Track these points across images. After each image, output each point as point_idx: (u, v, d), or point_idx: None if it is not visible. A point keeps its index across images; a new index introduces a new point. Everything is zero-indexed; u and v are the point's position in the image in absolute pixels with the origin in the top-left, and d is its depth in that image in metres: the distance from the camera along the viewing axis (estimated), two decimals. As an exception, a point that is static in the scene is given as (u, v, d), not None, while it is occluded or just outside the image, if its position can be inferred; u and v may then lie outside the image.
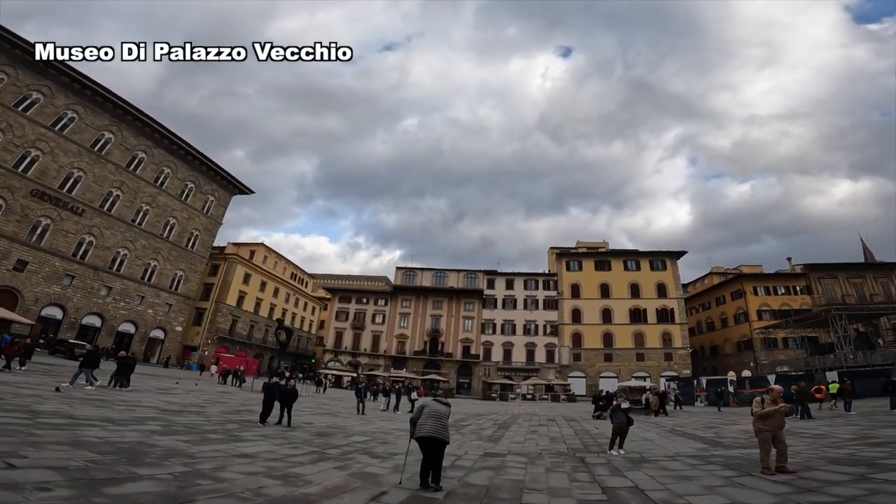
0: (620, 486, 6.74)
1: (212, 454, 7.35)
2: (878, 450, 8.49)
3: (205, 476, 5.86)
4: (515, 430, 15.69)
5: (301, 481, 6.26)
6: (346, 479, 6.66)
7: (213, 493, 5.13)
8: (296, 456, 8.19)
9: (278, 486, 5.84)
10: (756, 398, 7.62)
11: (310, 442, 10.05)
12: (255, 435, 10.18)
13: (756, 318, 51.57)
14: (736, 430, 13.93)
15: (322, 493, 5.71)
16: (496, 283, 57.85)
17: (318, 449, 9.21)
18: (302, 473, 6.76)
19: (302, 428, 12.30)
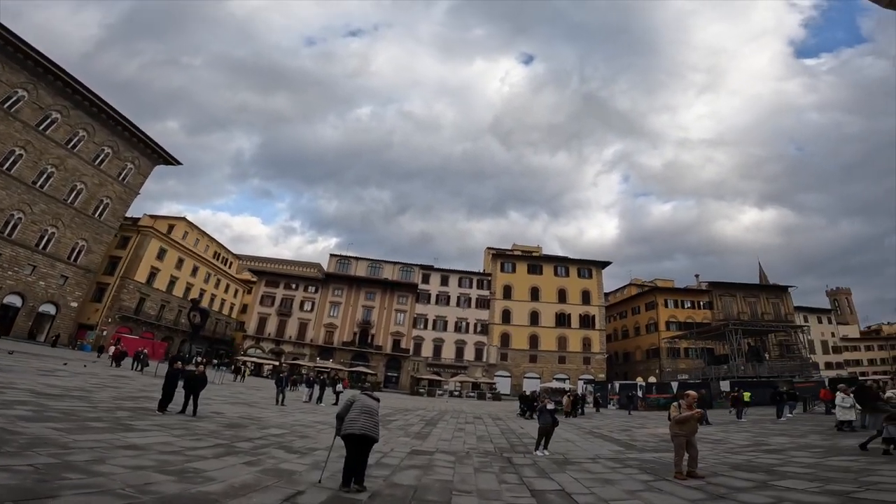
0: (548, 488, 6.65)
1: (90, 444, 6.33)
2: (773, 456, 9.24)
3: (75, 469, 4.95)
4: (443, 427, 15.49)
5: (201, 478, 5.49)
6: (257, 477, 5.97)
7: (81, 488, 4.30)
8: (198, 449, 7.27)
9: (171, 482, 5.07)
10: (674, 403, 7.85)
11: (217, 434, 9.03)
12: (151, 424, 8.97)
13: (665, 328, 56.27)
14: (646, 434, 14.77)
15: (226, 492, 5.00)
16: (431, 278, 57.78)
17: (226, 442, 8.28)
18: (203, 469, 5.96)
19: (210, 418, 11.11)
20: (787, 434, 13.33)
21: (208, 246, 57.50)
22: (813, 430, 13.94)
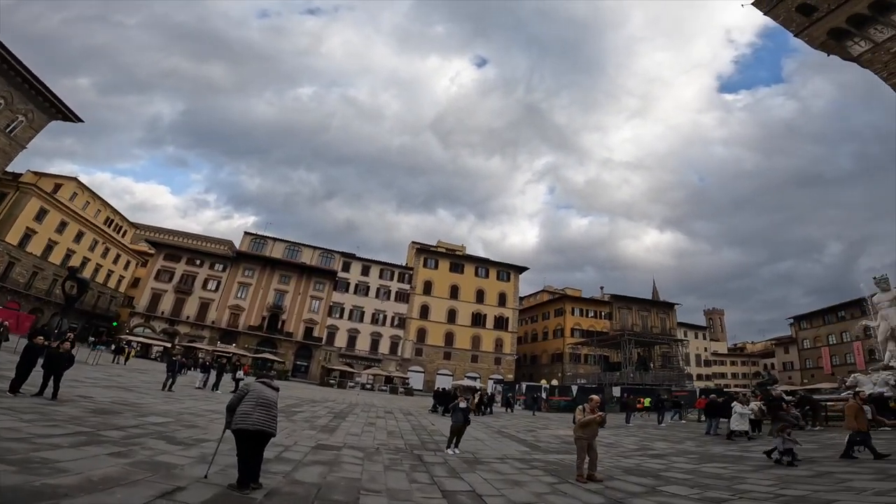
0: (459, 489, 6.48)
1: None
2: (658, 461, 9.95)
3: None
4: (353, 420, 14.85)
5: (49, 469, 4.59)
6: (125, 469, 5.10)
7: None
8: (52, 437, 6.11)
9: (10, 472, 4.20)
10: (579, 406, 8.12)
11: (80, 420, 7.68)
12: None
13: (570, 335, 60.20)
14: (549, 435, 15.43)
15: (80, 486, 4.21)
16: (352, 266, 56.10)
17: (90, 430, 7.05)
18: (54, 459, 5.00)
19: (74, 403, 9.47)
20: (668, 440, 14.67)
21: (100, 210, 50.30)
22: (688, 437, 15.52)
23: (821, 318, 61.97)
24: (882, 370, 19.25)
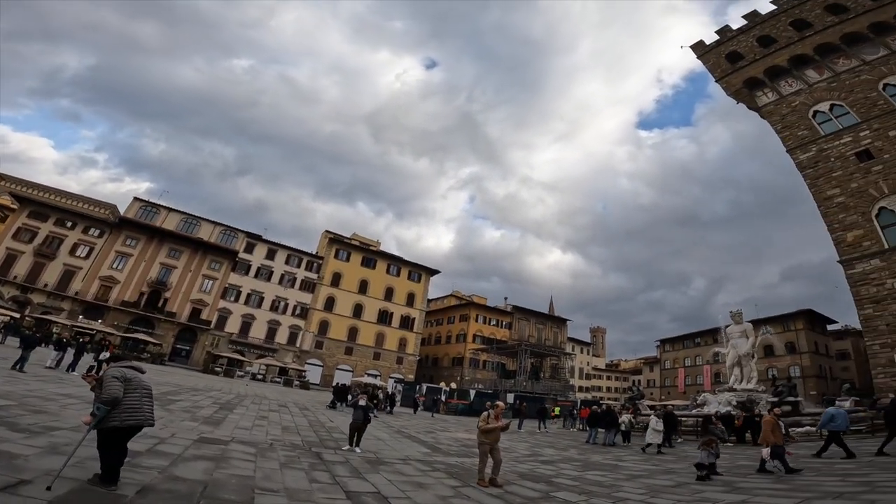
0: (364, 490, 6.20)
1: None
2: (548, 467, 10.48)
3: None
4: (242, 413, 13.61)
5: None
6: None
7: None
8: None
9: None
10: (484, 413, 8.30)
11: None
12: None
13: (472, 340, 62.25)
14: (449, 437, 15.63)
15: None
16: (256, 249, 52.17)
17: None
18: None
19: None
20: (555, 447, 15.70)
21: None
22: (572, 445, 16.78)
23: (681, 343, 71.65)
24: (727, 391, 22.64)
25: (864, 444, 14.28)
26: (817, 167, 27.18)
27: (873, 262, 22.92)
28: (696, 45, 36.72)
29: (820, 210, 26.16)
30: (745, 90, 33.22)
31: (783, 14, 31.83)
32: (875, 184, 24.04)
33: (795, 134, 29.39)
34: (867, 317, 22.77)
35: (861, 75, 27.89)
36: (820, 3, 29.88)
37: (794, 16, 31.11)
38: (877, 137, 25.30)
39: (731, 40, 34.24)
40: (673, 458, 13.39)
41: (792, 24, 31.16)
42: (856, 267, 23.60)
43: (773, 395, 22.09)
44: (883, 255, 22.60)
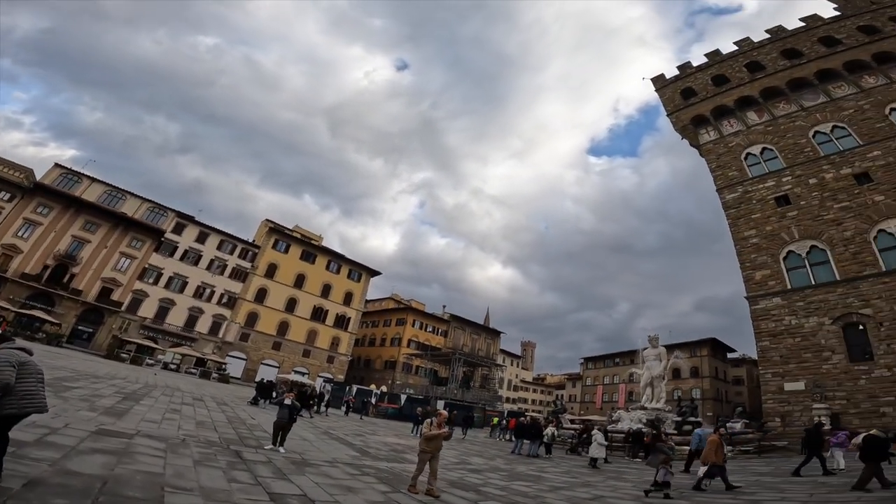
0: (289, 492, 5.80)
1: None
2: (476, 476, 10.48)
3: None
4: (150, 404, 12.37)
5: None
6: None
7: None
8: None
9: None
10: (427, 420, 8.19)
11: None
12: None
13: (406, 345, 61.80)
14: (378, 441, 15.23)
15: None
16: (186, 230, 48.37)
17: None
18: None
19: None
20: (482, 455, 15.84)
21: None
22: (498, 454, 17.02)
23: (602, 362, 75.90)
24: (639, 409, 24.16)
25: (750, 464, 15.87)
26: (740, 208, 29.38)
27: (775, 300, 25.61)
28: (656, 77, 38.60)
29: (736, 248, 28.71)
30: (691, 127, 34.53)
31: (741, 55, 33.76)
32: (787, 228, 26.65)
33: (726, 174, 31.21)
34: (764, 348, 25.32)
35: (796, 121, 29.90)
36: (777, 47, 32.10)
37: (752, 58, 33.08)
38: (797, 184, 27.59)
39: (689, 76, 36.02)
40: (590, 470, 14.01)
41: (747, 65, 33.07)
42: (759, 303, 26.20)
43: (677, 414, 23.92)
44: (784, 295, 25.32)
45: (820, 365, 22.67)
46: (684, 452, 15.05)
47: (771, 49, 32.65)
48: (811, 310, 23.99)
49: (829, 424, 19.58)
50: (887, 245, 22.72)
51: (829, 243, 24.52)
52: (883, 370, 20.62)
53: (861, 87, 28.40)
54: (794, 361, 23.61)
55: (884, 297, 21.66)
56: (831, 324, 22.97)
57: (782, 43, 32.32)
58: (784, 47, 32.03)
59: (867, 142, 26.11)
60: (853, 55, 29.02)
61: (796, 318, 24.39)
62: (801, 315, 24.23)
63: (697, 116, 34.33)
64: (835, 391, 21.67)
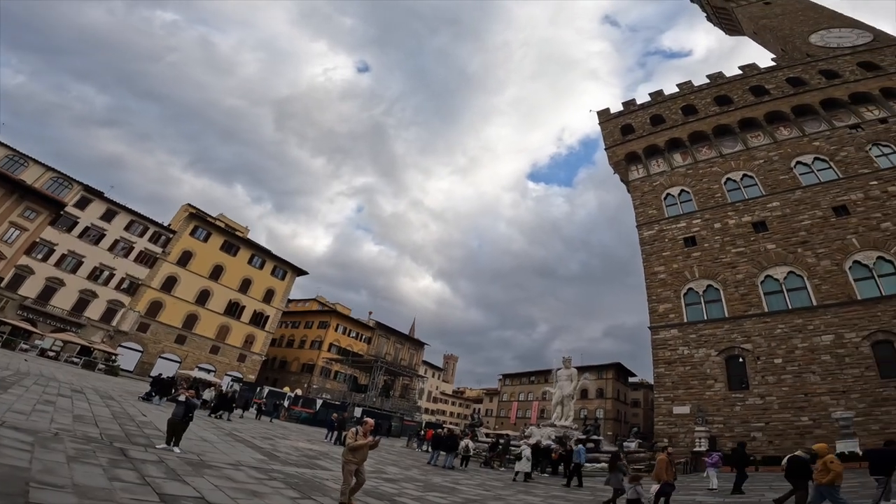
0: (184, 494, 5.32)
1: None
2: (391, 485, 10.33)
3: None
4: (19, 394, 10.72)
5: None
6: None
7: None
8: None
9: None
10: (352, 429, 7.89)
11: None
12: None
13: (327, 349, 59.61)
14: (289, 446, 14.43)
15: None
16: (92, 205, 43.06)
17: None
18: None
19: None
20: (398, 465, 15.62)
21: None
22: (414, 465, 16.88)
23: (519, 379, 78.65)
24: (549, 426, 25.32)
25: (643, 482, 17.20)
26: (654, 245, 31.79)
27: (673, 331, 28.25)
28: (602, 111, 40.52)
29: (646, 282, 31.25)
30: (624, 162, 36.34)
31: (680, 98, 36.17)
32: (690, 268, 29.44)
33: (647, 212, 33.38)
34: (659, 374, 27.73)
35: (714, 167, 32.31)
36: (712, 93, 34.76)
37: (689, 101, 35.52)
38: (704, 227, 30.21)
39: (631, 113, 38.14)
40: (504, 484, 14.38)
41: (683, 108, 35.41)
42: (659, 333, 28.72)
43: (582, 433, 25.41)
44: (681, 327, 28.02)
45: (704, 391, 25.25)
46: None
47: (707, 94, 35.13)
48: (701, 342, 26.71)
49: (706, 446, 21.93)
50: (771, 289, 26.03)
51: (723, 284, 27.61)
52: (756, 398, 23.46)
53: (775, 139, 31.24)
54: (682, 387, 26.06)
55: (763, 334, 24.77)
56: (717, 355, 25.75)
57: (717, 89, 35.01)
58: (718, 94, 34.59)
59: (769, 192, 29.09)
60: (775, 106, 31.78)
61: (688, 348, 26.99)
62: (693, 346, 26.87)
63: (631, 153, 36.15)
64: (714, 416, 24.21)
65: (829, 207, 26.51)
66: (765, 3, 50.24)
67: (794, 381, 22.83)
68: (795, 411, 22.17)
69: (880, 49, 32.18)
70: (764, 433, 22.36)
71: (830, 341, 22.74)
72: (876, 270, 23.34)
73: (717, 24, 63.34)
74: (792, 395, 22.62)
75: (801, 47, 38.56)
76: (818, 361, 22.62)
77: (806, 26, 41.44)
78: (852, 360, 21.83)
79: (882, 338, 21.64)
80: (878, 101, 29.41)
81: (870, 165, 26.99)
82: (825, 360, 22.48)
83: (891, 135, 27.71)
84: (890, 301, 22.21)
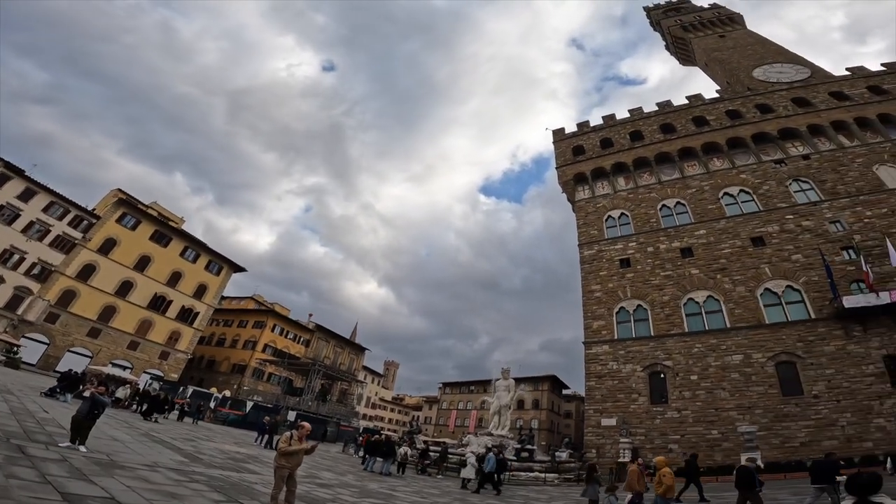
0: (90, 494, 4.89)
1: None
2: (325, 491, 10.02)
3: None
4: None
5: None
6: None
7: None
8: None
9: None
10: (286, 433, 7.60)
11: None
12: None
13: (262, 350, 56.81)
14: (214, 448, 13.58)
15: None
16: (10, 184, 38.16)
17: None
18: None
19: None
20: (332, 470, 15.17)
21: None
22: (350, 470, 16.48)
23: (459, 388, 79.20)
24: (485, 435, 25.72)
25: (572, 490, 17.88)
26: (592, 264, 33.40)
27: (604, 347, 29.80)
28: (557, 130, 41.77)
29: (583, 300, 32.60)
30: (572, 182, 37.63)
31: (630, 123, 37.99)
32: (623, 288, 31.19)
33: (589, 232, 34.89)
34: (590, 388, 29.09)
35: (652, 192, 34.18)
36: (659, 121, 36.86)
37: (637, 127, 37.37)
38: (638, 250, 32.13)
39: (584, 135, 39.67)
40: (440, 492, 14.38)
41: (631, 133, 37.30)
42: (592, 349, 30.13)
43: (517, 442, 26.03)
44: (612, 344, 29.63)
45: (629, 405, 26.82)
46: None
47: (654, 121, 37.26)
48: (629, 358, 28.40)
49: (630, 457, 23.19)
50: (692, 311, 28.24)
51: (651, 304, 29.58)
52: (674, 412, 25.26)
53: (708, 169, 33.61)
54: (610, 400, 27.52)
55: (682, 353, 26.79)
56: (642, 371, 27.50)
57: (664, 117, 37.31)
58: (664, 121, 36.83)
59: (698, 220, 31.43)
60: (712, 137, 34.21)
61: (617, 363, 28.57)
62: (622, 362, 28.49)
63: (580, 174, 37.60)
64: (637, 428, 25.76)
65: (748, 238, 29.19)
66: (720, 36, 54.32)
67: (707, 397, 24.85)
68: (707, 425, 24.11)
69: (814, 86, 35.23)
70: (680, 445, 24.05)
71: (740, 360, 25.03)
72: (784, 298, 26.06)
73: (673, 54, 67.62)
74: (704, 409, 24.58)
75: (744, 80, 41.65)
76: (728, 379, 24.80)
77: (752, 60, 44.86)
78: (758, 379, 24.15)
79: (785, 359, 24.15)
80: (804, 137, 32.24)
81: (788, 200, 29.87)
82: (734, 377, 24.69)
83: (811, 171, 30.61)
84: (794, 326, 24.86)
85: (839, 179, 29.40)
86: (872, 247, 25.44)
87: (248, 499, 6.83)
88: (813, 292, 25.38)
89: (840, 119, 31.87)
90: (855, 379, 22.29)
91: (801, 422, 22.25)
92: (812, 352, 23.67)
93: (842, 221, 27.36)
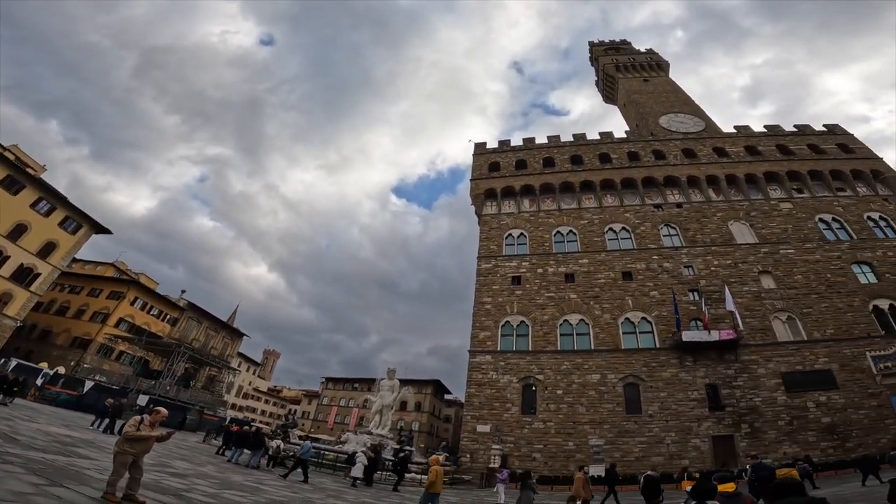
0: None
1: None
2: (178, 480, 9.20)
3: None
4: None
5: None
6: None
7: None
8: None
9: None
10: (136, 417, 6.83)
11: None
12: None
13: (115, 324, 49.49)
14: (36, 429, 11.54)
15: None
16: None
17: None
18: None
19: None
20: (189, 460, 13.82)
21: None
22: (210, 461, 15.16)
23: (342, 384, 77.28)
24: (365, 434, 25.49)
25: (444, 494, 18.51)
26: (487, 278, 35.11)
27: (487, 357, 31.46)
28: (479, 143, 43.38)
29: (473, 310, 33.92)
30: (482, 196, 39.22)
31: (546, 150, 40.55)
32: (511, 304, 33.28)
33: (489, 246, 36.67)
34: (470, 395, 30.48)
35: (550, 218, 36.31)
36: (570, 151, 39.79)
37: (551, 154, 39.99)
38: (529, 270, 34.53)
39: (503, 152, 41.65)
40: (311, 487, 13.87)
41: (544, 159, 39.88)
42: (476, 357, 31.59)
43: (397, 443, 26.26)
44: (494, 355, 31.40)
45: (503, 413, 28.68)
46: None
47: (567, 151, 40.33)
48: (507, 369, 30.36)
49: (499, 463, 24.68)
50: (566, 332, 31.20)
51: (532, 321, 32.08)
52: (540, 423, 27.62)
53: (601, 204, 37.13)
54: (487, 408, 29.13)
55: (553, 368, 29.49)
56: (517, 382, 29.62)
57: (576, 149, 40.59)
58: (575, 153, 40.03)
59: (583, 250, 34.75)
60: (611, 174, 37.81)
61: (496, 374, 30.35)
62: (500, 372, 30.33)
63: (491, 189, 39.45)
64: (508, 436, 27.61)
65: (620, 271, 33.24)
66: (644, 80, 59.76)
67: (568, 411, 27.67)
68: (565, 436, 26.79)
69: (703, 139, 40.77)
70: (542, 454, 26.34)
71: (597, 380, 28.34)
72: (638, 328, 30.16)
73: (601, 90, 72.98)
74: (565, 422, 27.30)
75: (650, 125, 46.88)
76: (586, 395, 27.91)
77: (663, 107, 50.20)
78: (609, 397, 27.55)
79: (632, 381, 27.90)
80: (682, 186, 37.18)
81: (657, 242, 34.51)
82: (591, 394, 27.87)
83: (680, 219, 35.51)
84: (642, 353, 28.89)
85: (700, 229, 34.75)
86: (713, 291, 30.65)
87: (76, 483, 6.04)
88: (661, 325, 29.78)
89: (714, 174, 37.25)
90: (682, 402, 26.60)
91: (637, 438, 25.86)
92: (653, 376, 27.73)
93: (693, 267, 32.55)
